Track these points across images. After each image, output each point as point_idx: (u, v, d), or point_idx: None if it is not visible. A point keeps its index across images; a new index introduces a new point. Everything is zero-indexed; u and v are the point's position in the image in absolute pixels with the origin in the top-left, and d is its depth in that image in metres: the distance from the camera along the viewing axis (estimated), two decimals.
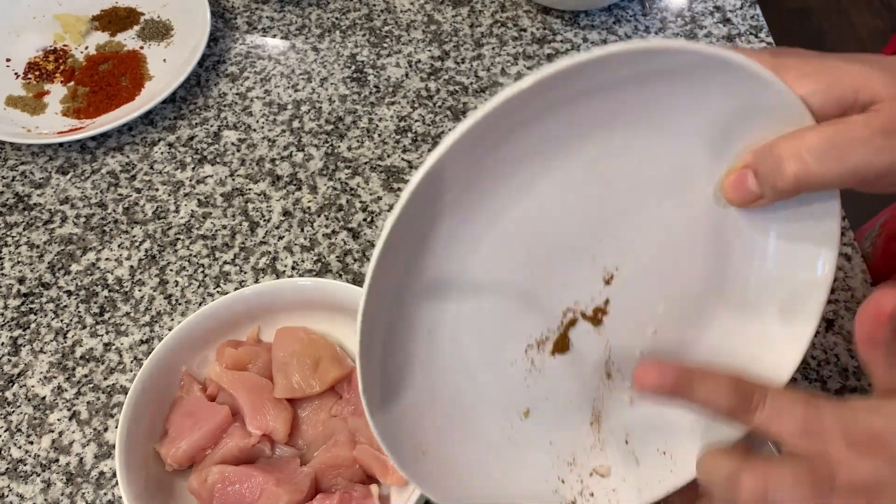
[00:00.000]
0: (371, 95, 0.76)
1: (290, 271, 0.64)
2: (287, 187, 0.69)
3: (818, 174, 0.32)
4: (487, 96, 0.75)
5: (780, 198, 0.34)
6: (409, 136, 0.72)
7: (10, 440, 0.57)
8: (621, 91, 0.32)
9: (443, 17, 0.82)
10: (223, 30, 0.82)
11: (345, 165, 0.71)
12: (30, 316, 0.63)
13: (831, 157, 0.31)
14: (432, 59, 0.78)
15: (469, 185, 0.32)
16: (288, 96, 0.76)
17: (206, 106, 0.76)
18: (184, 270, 0.65)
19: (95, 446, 0.57)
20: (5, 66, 0.80)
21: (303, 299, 0.56)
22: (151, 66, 0.79)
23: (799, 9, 2.15)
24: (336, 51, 0.79)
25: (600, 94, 0.31)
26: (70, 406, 0.58)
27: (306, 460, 0.52)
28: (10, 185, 0.71)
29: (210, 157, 0.72)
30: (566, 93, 0.30)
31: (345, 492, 0.49)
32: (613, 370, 0.40)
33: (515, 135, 0.32)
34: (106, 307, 0.63)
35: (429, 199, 0.31)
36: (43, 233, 0.68)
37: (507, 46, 0.79)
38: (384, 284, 0.32)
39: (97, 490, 0.55)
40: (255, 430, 0.51)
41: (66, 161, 0.73)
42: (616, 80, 0.31)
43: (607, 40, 0.78)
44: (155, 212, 0.69)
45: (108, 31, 0.82)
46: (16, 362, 0.61)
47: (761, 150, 0.34)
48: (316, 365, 0.53)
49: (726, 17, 0.80)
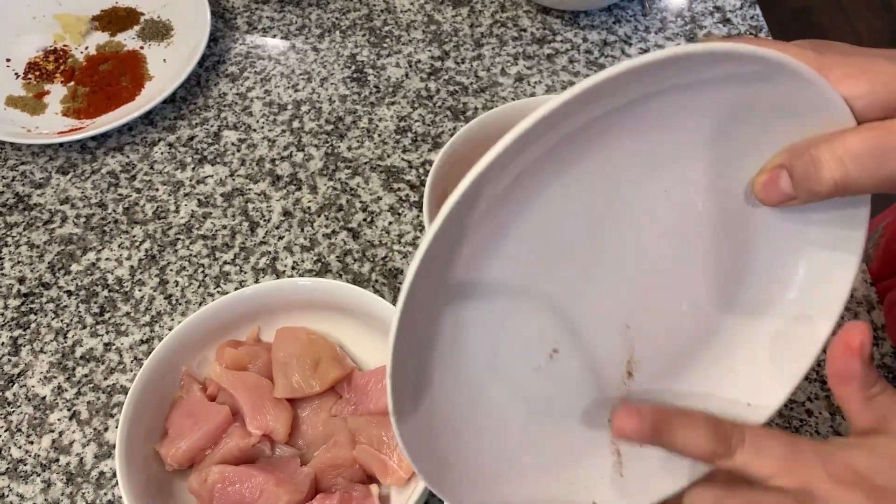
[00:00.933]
0: (371, 95, 0.76)
1: (290, 271, 0.64)
2: (287, 187, 0.69)
3: (857, 179, 0.31)
4: (487, 96, 0.75)
5: (814, 200, 0.33)
6: (409, 136, 0.72)
7: (11, 440, 0.57)
8: (667, 96, 0.31)
9: (443, 18, 0.82)
10: (223, 30, 0.82)
11: (345, 165, 0.71)
12: (30, 316, 0.63)
13: (872, 162, 0.31)
14: (432, 59, 0.78)
15: (500, 199, 0.32)
16: (288, 96, 0.76)
17: (206, 106, 0.76)
18: (184, 270, 0.65)
19: (95, 446, 0.57)
20: (5, 67, 0.80)
21: (303, 299, 0.56)
22: (151, 66, 0.79)
23: (799, 9, 2.15)
24: (336, 51, 0.80)
25: (645, 101, 0.31)
26: (70, 406, 0.58)
27: (306, 460, 0.52)
28: (11, 185, 0.71)
29: (210, 157, 0.72)
30: (617, 100, 0.30)
31: (345, 492, 0.49)
32: (634, 369, 0.40)
33: (557, 146, 0.31)
34: (106, 307, 0.63)
35: (463, 212, 0.31)
36: (43, 233, 0.68)
37: (507, 46, 0.79)
38: (418, 294, 0.32)
39: (97, 490, 0.55)
40: (255, 430, 0.51)
41: (67, 161, 0.73)
42: (668, 85, 0.30)
43: (607, 40, 0.78)
44: (155, 212, 0.69)
45: (108, 32, 0.82)
46: (16, 362, 0.61)
47: (797, 149, 0.33)
48: (316, 365, 0.53)
49: (726, 18, 0.80)
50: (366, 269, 0.64)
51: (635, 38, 0.79)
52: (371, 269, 0.64)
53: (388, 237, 0.66)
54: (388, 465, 0.50)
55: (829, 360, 0.33)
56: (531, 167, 0.32)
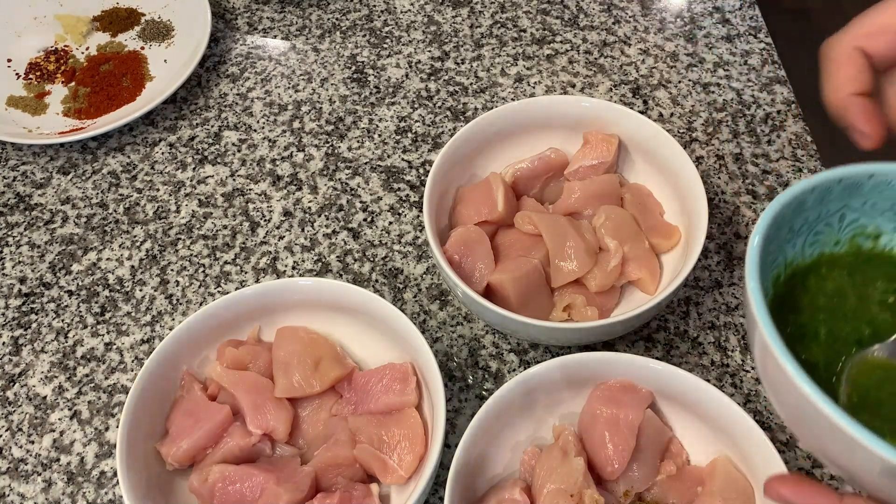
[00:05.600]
0: (371, 96, 0.76)
1: (291, 271, 0.64)
2: (287, 187, 0.70)
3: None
4: (487, 96, 0.75)
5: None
6: (409, 136, 0.72)
7: (12, 440, 0.57)
8: None
9: (443, 18, 0.82)
10: (224, 30, 0.82)
11: (345, 165, 0.71)
12: (31, 316, 0.63)
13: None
14: (432, 59, 0.78)
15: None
16: (288, 97, 0.76)
17: (206, 106, 0.76)
18: (184, 270, 0.65)
19: (96, 446, 0.57)
20: (6, 67, 0.80)
21: (303, 299, 0.56)
22: (152, 66, 0.79)
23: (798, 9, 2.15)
24: (336, 51, 0.80)
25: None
26: (71, 405, 0.59)
27: (306, 459, 0.52)
28: (12, 185, 0.72)
29: (211, 157, 0.72)
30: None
31: (345, 491, 0.49)
32: None
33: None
34: (107, 307, 0.63)
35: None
36: (44, 233, 0.68)
37: (506, 47, 0.79)
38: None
39: (98, 489, 0.55)
40: (255, 429, 0.51)
41: (67, 161, 0.73)
42: None
43: (606, 41, 0.78)
44: (156, 212, 0.69)
45: (109, 32, 0.83)
46: (17, 362, 0.61)
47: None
48: (316, 364, 0.53)
49: (725, 18, 0.80)
50: (366, 269, 0.64)
51: (635, 39, 0.79)
52: (371, 269, 0.64)
53: (389, 237, 0.66)
54: (388, 465, 0.50)
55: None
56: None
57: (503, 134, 0.63)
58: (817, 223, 0.39)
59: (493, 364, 0.59)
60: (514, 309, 0.53)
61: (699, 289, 0.61)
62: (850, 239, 0.40)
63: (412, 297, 0.62)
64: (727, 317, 0.60)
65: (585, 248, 0.56)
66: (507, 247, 0.59)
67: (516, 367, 0.58)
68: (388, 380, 0.52)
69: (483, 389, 0.58)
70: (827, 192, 0.37)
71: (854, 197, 0.38)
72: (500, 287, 0.55)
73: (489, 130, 0.62)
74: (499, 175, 0.61)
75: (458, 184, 0.62)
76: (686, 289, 0.61)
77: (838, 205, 0.39)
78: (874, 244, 0.40)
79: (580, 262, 0.56)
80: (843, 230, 0.40)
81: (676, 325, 0.60)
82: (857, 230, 0.40)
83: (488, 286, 0.56)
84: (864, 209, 0.39)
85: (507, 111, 0.62)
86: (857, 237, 0.40)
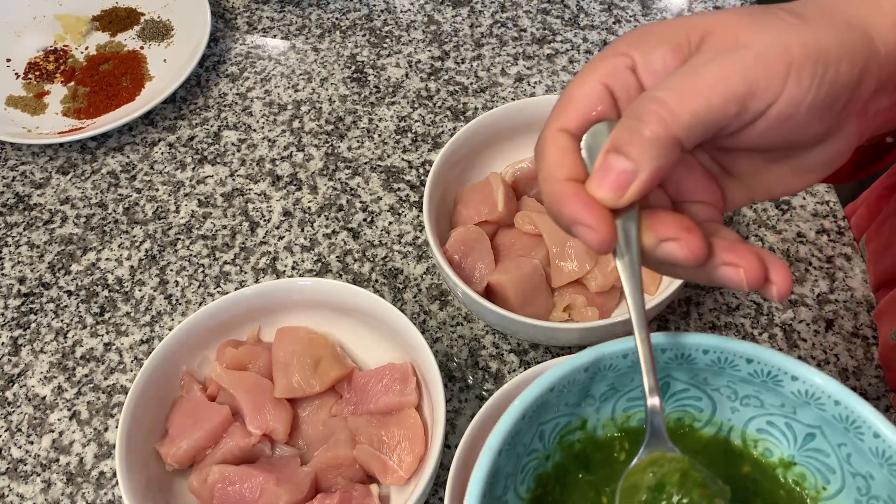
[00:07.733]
0: (371, 95, 0.76)
1: (291, 271, 0.64)
2: (287, 187, 0.69)
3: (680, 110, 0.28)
4: (487, 96, 0.75)
5: (659, 161, 0.29)
6: (409, 136, 0.72)
7: (11, 440, 0.57)
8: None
9: (443, 18, 0.82)
10: (223, 30, 0.82)
11: (345, 165, 0.71)
12: (30, 316, 0.63)
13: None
14: (432, 59, 0.78)
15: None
16: (288, 96, 0.76)
17: (206, 106, 0.76)
18: (184, 270, 0.65)
19: (96, 446, 0.57)
20: (6, 67, 0.80)
21: (303, 299, 0.56)
22: (152, 66, 0.79)
23: None
24: (336, 51, 0.80)
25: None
26: (70, 406, 0.59)
27: (306, 460, 0.52)
28: (11, 185, 0.71)
29: (210, 157, 0.72)
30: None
31: (345, 491, 0.49)
32: None
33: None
34: (106, 307, 0.63)
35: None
36: (43, 233, 0.68)
37: (507, 46, 0.79)
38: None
39: (97, 490, 0.55)
40: (255, 429, 0.51)
41: (67, 161, 0.73)
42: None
43: (607, 40, 0.78)
44: (155, 212, 0.69)
45: (108, 32, 0.82)
46: (16, 362, 0.61)
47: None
48: (316, 365, 0.53)
49: None
50: (366, 269, 0.64)
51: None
52: (371, 269, 0.64)
53: (388, 237, 0.66)
54: (388, 465, 0.50)
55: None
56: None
57: (503, 134, 0.63)
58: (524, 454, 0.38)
59: (493, 364, 0.59)
60: (514, 309, 0.53)
61: (699, 289, 0.61)
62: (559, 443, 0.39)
63: (412, 297, 0.62)
64: (728, 317, 0.60)
65: (586, 249, 0.56)
66: (507, 247, 0.59)
67: (516, 368, 0.58)
68: (387, 380, 0.52)
69: (483, 390, 0.57)
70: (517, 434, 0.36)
71: (543, 413, 0.37)
72: (501, 287, 0.55)
73: (489, 130, 0.62)
74: (499, 175, 0.61)
75: (458, 184, 0.62)
76: (686, 289, 0.61)
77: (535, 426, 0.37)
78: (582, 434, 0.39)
79: (580, 262, 0.56)
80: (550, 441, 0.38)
81: (677, 325, 0.59)
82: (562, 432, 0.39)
83: (488, 286, 0.56)
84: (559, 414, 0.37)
85: (507, 111, 0.62)
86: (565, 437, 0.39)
